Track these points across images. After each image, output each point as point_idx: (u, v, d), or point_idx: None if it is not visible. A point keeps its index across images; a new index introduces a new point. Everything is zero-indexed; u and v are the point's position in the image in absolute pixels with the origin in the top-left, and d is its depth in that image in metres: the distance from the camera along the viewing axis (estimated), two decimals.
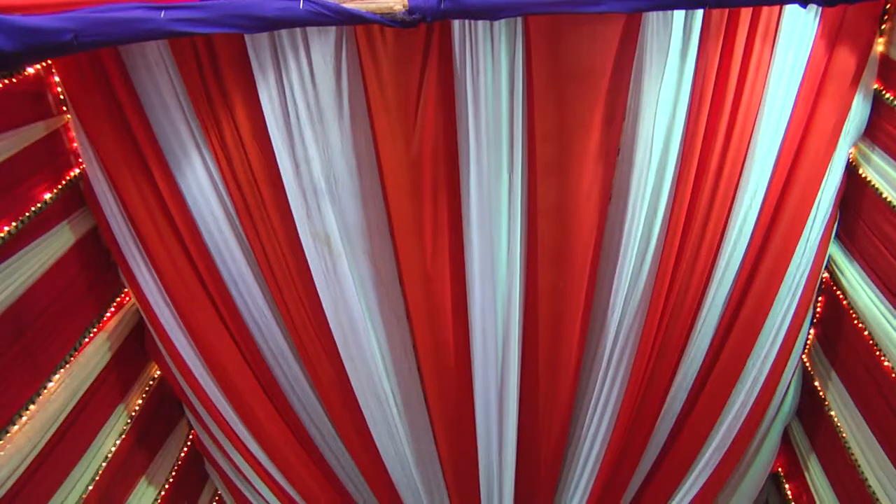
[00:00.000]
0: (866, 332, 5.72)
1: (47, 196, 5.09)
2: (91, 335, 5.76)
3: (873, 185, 5.44)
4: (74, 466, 5.70)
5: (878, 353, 5.59)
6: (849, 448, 6.18)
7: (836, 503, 6.46)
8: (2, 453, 4.80)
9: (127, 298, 6.18)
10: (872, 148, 5.45)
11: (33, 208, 4.94)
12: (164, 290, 5.73)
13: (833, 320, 6.34)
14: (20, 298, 4.89)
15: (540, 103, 5.01)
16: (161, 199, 5.34)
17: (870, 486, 5.87)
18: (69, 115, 5.15)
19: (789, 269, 5.70)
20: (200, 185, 5.31)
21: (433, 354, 5.94)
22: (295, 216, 5.30)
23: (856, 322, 5.86)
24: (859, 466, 6.02)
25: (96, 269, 5.85)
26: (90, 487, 5.86)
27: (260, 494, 7.14)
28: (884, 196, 5.30)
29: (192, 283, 5.71)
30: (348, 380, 6.01)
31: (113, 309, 6.05)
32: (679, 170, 5.20)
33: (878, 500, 5.77)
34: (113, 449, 6.16)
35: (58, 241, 5.30)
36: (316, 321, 5.76)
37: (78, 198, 5.56)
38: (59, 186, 5.24)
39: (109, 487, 6.16)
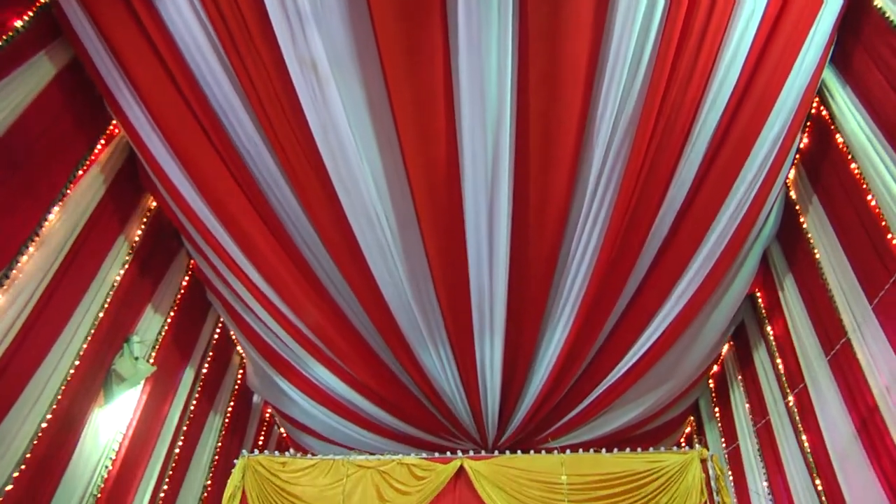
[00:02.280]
0: (850, 157, 5.79)
1: (18, 24, 4.92)
2: (84, 168, 5.80)
3: (877, 7, 5.29)
4: (84, 294, 5.98)
5: (860, 179, 5.68)
6: (822, 271, 6.45)
7: (807, 319, 6.80)
8: (15, 283, 5.03)
9: (116, 130, 6.14)
10: None
11: (4, 38, 4.79)
12: (152, 120, 5.68)
13: (819, 146, 6.39)
14: (8, 132, 4.89)
15: None
16: (142, 26, 5.16)
17: (835, 304, 6.20)
18: None
19: (782, 93, 5.65)
20: (180, 9, 5.12)
21: (424, 176, 5.96)
22: (280, 41, 5.14)
23: (841, 148, 5.91)
24: (829, 288, 6.31)
25: (82, 101, 5.77)
26: (101, 314, 6.18)
27: (260, 319, 7.48)
28: (888, 17, 5.17)
29: (181, 112, 5.65)
30: (340, 203, 6.09)
31: (103, 141, 6.04)
32: None
33: (841, 317, 6.11)
34: (118, 278, 6.41)
35: (37, 73, 5.19)
36: (306, 146, 5.75)
37: (53, 26, 5.35)
38: (30, 14, 5.04)
39: (118, 315, 6.47)
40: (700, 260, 6.66)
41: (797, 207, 6.85)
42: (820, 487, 6.50)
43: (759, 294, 7.95)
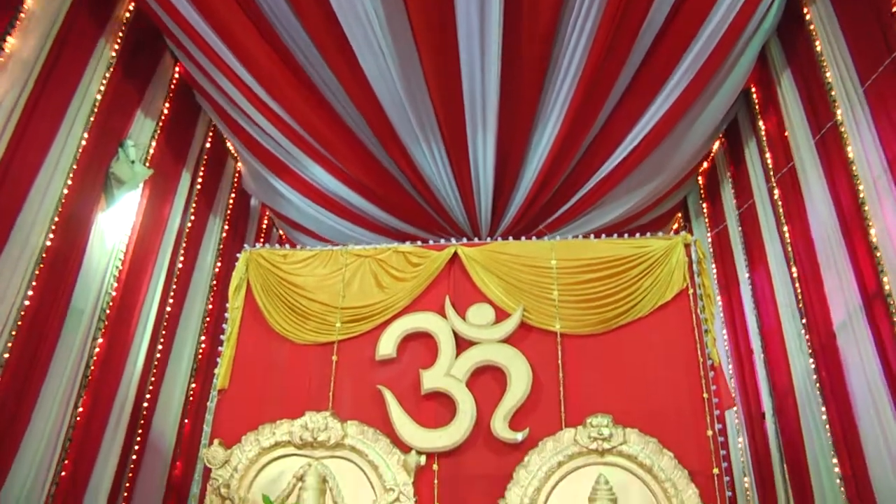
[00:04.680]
0: None
1: None
2: None
3: None
4: (71, 99, 5.92)
5: None
6: (821, 64, 6.33)
7: (802, 113, 6.79)
8: None
9: None
10: None
11: None
12: None
13: None
14: None
15: None
16: None
17: (832, 95, 6.16)
18: None
19: None
20: None
21: None
22: None
23: None
24: (827, 81, 6.23)
25: None
26: (91, 119, 6.14)
27: (252, 119, 7.46)
28: None
29: None
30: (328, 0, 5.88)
31: None
32: None
33: (836, 107, 6.10)
34: (104, 83, 6.29)
35: None
36: None
37: None
38: None
39: (109, 120, 6.42)
40: (694, 52, 6.51)
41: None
42: (795, 274, 6.86)
43: (753, 90, 7.88)
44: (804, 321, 6.69)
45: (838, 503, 6.00)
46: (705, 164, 9.08)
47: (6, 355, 5.18)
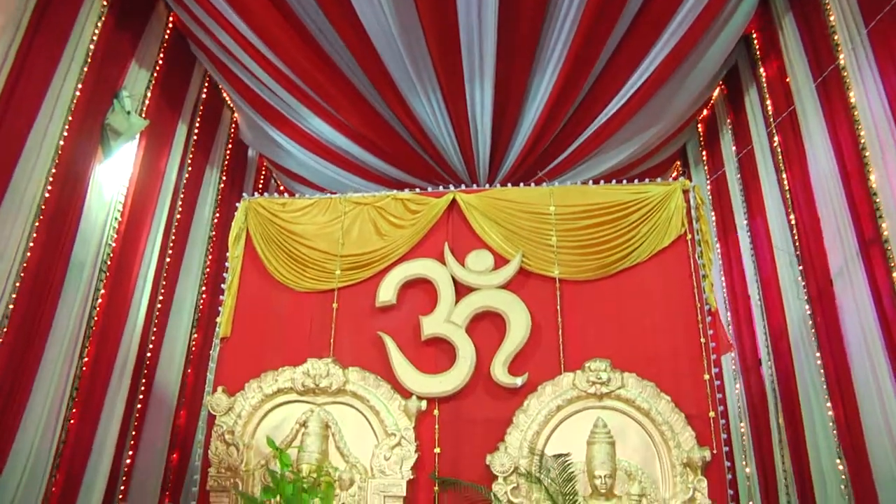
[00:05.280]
0: None
1: None
2: None
3: None
4: (63, 51, 5.80)
5: None
6: (824, 7, 6.22)
7: (804, 59, 6.69)
8: None
9: None
10: None
11: None
12: None
13: None
14: None
15: None
16: None
17: (834, 40, 6.07)
18: None
19: None
20: None
21: None
22: None
23: None
24: (831, 25, 6.12)
25: None
26: (85, 69, 6.03)
27: (249, 70, 7.38)
28: None
29: None
30: None
31: None
32: None
33: (839, 53, 6.03)
34: (96, 32, 6.18)
35: None
36: None
37: None
38: None
39: (103, 71, 6.33)
40: None
41: None
42: (794, 221, 6.87)
43: (754, 35, 7.76)
44: (801, 268, 6.72)
45: (830, 445, 6.12)
46: (705, 112, 9.00)
47: (11, 307, 5.20)
